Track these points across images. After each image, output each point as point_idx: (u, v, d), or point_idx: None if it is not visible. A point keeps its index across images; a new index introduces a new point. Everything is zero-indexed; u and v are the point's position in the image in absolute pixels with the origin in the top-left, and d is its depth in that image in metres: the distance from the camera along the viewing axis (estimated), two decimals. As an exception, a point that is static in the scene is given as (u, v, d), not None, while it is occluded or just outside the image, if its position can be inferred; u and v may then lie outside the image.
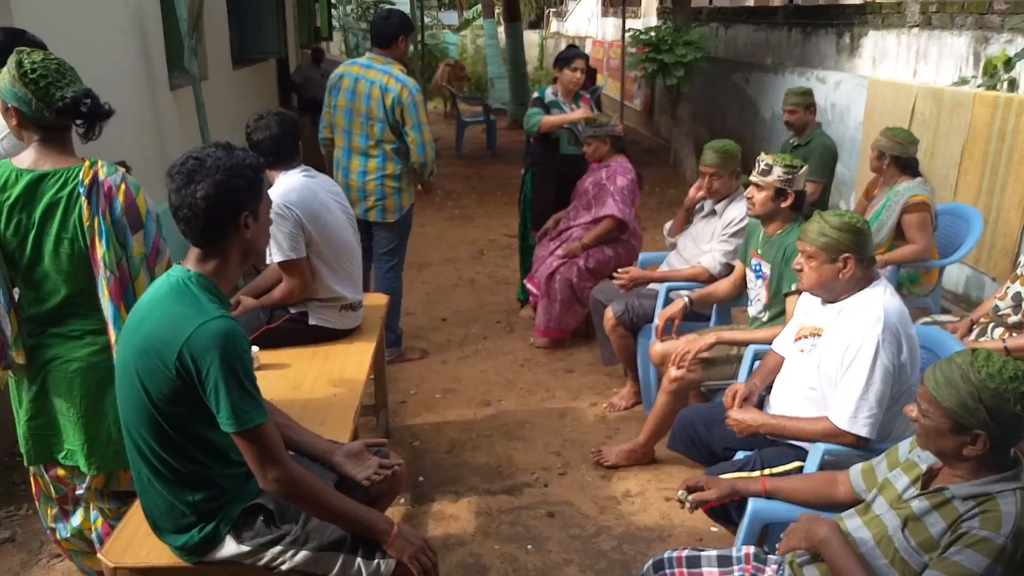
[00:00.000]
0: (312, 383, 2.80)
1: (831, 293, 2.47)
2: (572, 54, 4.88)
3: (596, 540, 3.03)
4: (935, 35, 5.76)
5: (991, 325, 3.19)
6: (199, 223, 1.79)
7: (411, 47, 15.54)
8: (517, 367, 4.54)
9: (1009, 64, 5.03)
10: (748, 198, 3.12)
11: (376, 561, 1.89)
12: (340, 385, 2.79)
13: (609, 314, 3.86)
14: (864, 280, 2.44)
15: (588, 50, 15.74)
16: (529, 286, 4.84)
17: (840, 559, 1.71)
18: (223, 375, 1.71)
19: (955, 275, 5.29)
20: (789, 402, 2.60)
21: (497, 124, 11.88)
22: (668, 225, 4.23)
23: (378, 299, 3.61)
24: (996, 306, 3.19)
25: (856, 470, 2.04)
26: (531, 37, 19.63)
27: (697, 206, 4.00)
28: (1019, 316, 3.07)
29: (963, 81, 5.42)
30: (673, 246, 4.13)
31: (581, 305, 4.64)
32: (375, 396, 3.67)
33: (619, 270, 3.92)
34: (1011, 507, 1.59)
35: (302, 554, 1.89)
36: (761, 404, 2.75)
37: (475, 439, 3.76)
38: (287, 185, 3.01)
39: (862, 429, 2.31)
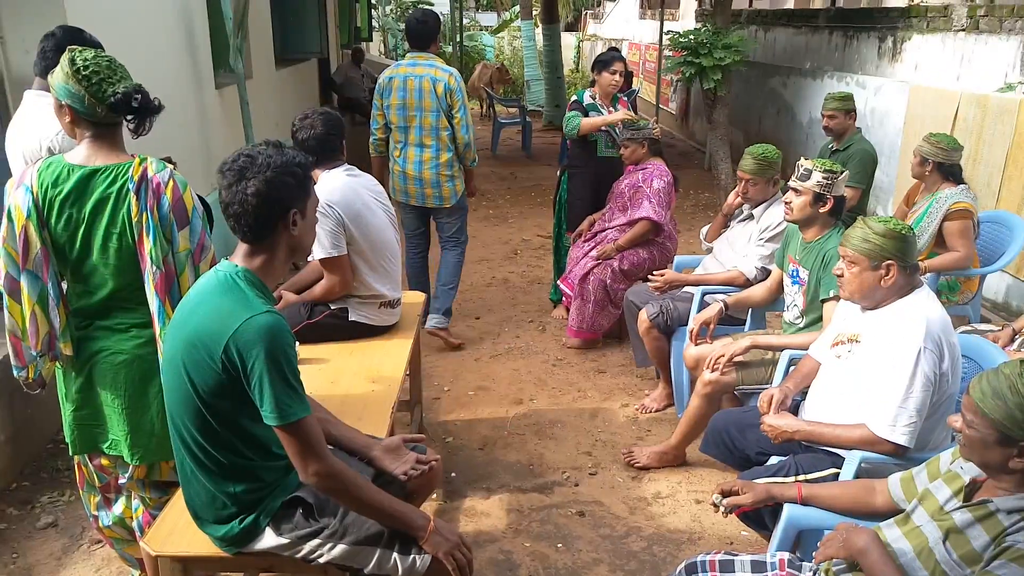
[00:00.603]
0: (350, 378, 2.84)
1: (872, 300, 2.45)
2: (611, 57, 4.89)
3: (626, 540, 3.03)
4: (981, 39, 5.66)
5: (1034, 335, 3.14)
6: (249, 219, 1.83)
7: (448, 48, 15.62)
8: (549, 367, 4.55)
9: (1057, 70, 4.93)
10: (786, 203, 3.10)
11: (412, 556, 1.92)
12: (378, 381, 2.83)
13: (643, 316, 3.86)
14: (906, 287, 2.42)
15: (625, 53, 15.69)
16: (563, 287, 4.85)
17: (879, 570, 1.70)
18: (268, 369, 1.74)
19: (995, 284, 5.20)
20: (825, 408, 2.58)
21: (532, 126, 11.90)
22: (704, 230, 4.21)
23: (415, 296, 3.65)
24: (1040, 316, 3.14)
25: (895, 479, 2.03)
26: (568, 39, 19.58)
27: (735, 217, 3.98)
28: (1064, 327, 3.01)
29: (1009, 87, 5.33)
30: (709, 251, 4.11)
31: (614, 307, 4.64)
32: (410, 392, 3.70)
33: (654, 272, 3.92)
34: (1056, 521, 1.57)
35: (339, 547, 1.92)
36: (795, 409, 2.73)
37: (507, 437, 3.79)
38: (331, 184, 3.05)
39: (901, 437, 2.29)
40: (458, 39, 14.52)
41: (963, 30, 5.87)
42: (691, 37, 7.78)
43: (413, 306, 3.49)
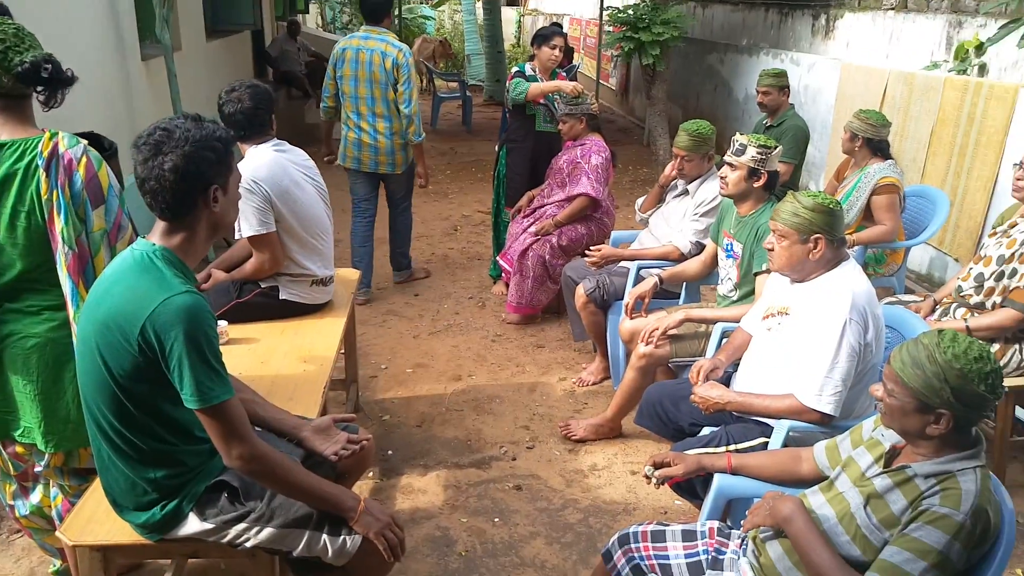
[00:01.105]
0: (281, 358, 2.78)
1: (801, 273, 2.50)
2: (551, 31, 4.85)
3: (562, 513, 3.06)
4: (910, 18, 5.79)
5: (954, 305, 3.24)
6: (166, 196, 1.76)
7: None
8: (488, 342, 4.54)
9: (981, 49, 5.07)
10: (721, 177, 3.12)
11: (342, 537, 1.89)
12: (310, 360, 2.77)
13: (580, 291, 3.87)
14: (834, 260, 2.46)
15: (566, 28, 15.64)
16: (502, 263, 4.83)
17: (803, 536, 1.74)
18: (187, 351, 1.68)
19: (919, 256, 5.36)
20: (755, 379, 2.62)
21: (473, 100, 11.79)
22: (640, 201, 4.23)
23: (349, 274, 3.58)
24: (959, 286, 3.24)
25: (820, 447, 2.07)
26: (508, 14, 19.42)
27: (670, 185, 4.01)
28: (981, 296, 3.12)
29: (934, 65, 5.46)
30: (644, 223, 4.14)
31: (553, 282, 4.65)
32: (345, 371, 3.65)
33: (591, 248, 3.93)
34: (971, 485, 1.62)
35: (267, 531, 1.88)
36: (728, 381, 2.78)
37: (445, 413, 3.77)
38: (257, 160, 2.96)
39: (827, 406, 2.34)
40: (397, 12, 14.25)
41: (892, 8, 5.99)
42: (630, 12, 7.79)
43: (346, 283, 3.43)
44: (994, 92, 4.58)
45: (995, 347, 3.02)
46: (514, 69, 4.95)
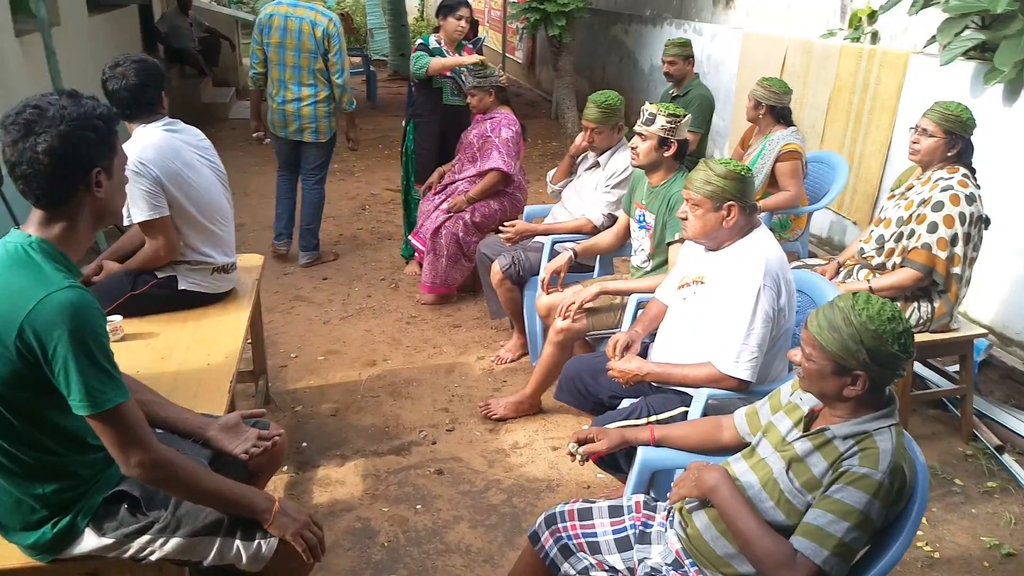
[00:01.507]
0: (183, 352, 2.61)
1: (715, 241, 2.50)
2: (456, 2, 4.72)
3: (486, 495, 3.01)
4: (804, -13, 5.91)
5: (857, 267, 3.34)
6: (42, 181, 1.59)
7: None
8: (403, 325, 4.44)
9: (873, 17, 5.22)
10: (632, 148, 3.11)
11: (256, 542, 1.78)
12: (214, 353, 2.62)
13: (496, 268, 3.81)
14: (746, 227, 2.47)
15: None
16: (414, 242, 4.72)
17: (729, 505, 1.74)
18: (73, 352, 1.53)
19: (820, 220, 5.53)
20: (672, 349, 2.63)
21: (377, 75, 11.51)
22: (552, 173, 4.18)
23: (252, 260, 3.41)
24: (861, 249, 3.33)
25: (740, 414, 2.08)
26: (410, -15, 19.01)
27: (580, 157, 3.98)
28: (882, 258, 3.21)
29: (830, 33, 5.60)
30: (556, 194, 4.10)
31: (467, 260, 4.57)
32: (253, 362, 3.49)
33: (505, 224, 3.86)
34: (887, 444, 1.65)
35: (173, 541, 1.75)
36: (645, 352, 2.77)
37: (360, 400, 3.66)
38: (144, 141, 2.75)
39: (744, 373, 2.37)
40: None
41: (788, -23, 6.10)
42: (533, -18, 7.70)
43: (250, 270, 3.26)
44: (886, 59, 4.72)
45: (896, 305, 3.12)
46: (417, 42, 4.82)
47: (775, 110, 4.14)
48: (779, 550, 1.63)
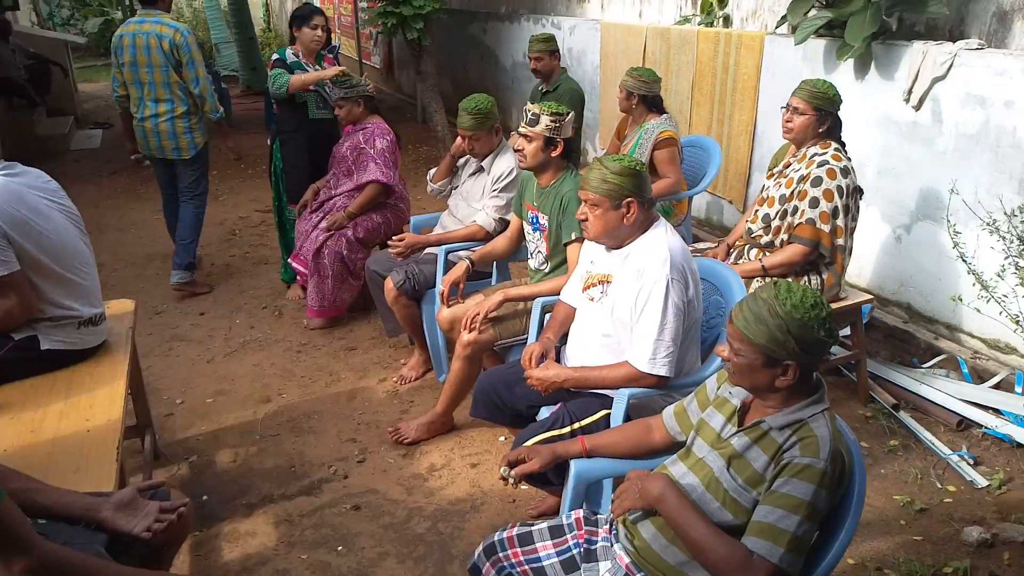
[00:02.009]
0: (57, 421, 2.33)
1: (616, 239, 2.46)
2: (309, 11, 4.51)
3: (409, 525, 2.88)
4: (655, -24, 6.05)
5: (747, 247, 3.41)
6: None
7: (118, 13, 13.81)
8: (294, 354, 4.21)
9: (723, 2, 5.39)
10: (518, 150, 3.03)
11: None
12: (93, 417, 2.35)
13: (389, 285, 3.66)
14: (646, 222, 2.45)
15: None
16: (295, 265, 4.48)
17: (678, 513, 1.69)
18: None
19: (697, 202, 5.67)
20: (586, 352, 2.58)
21: (229, 92, 10.97)
22: (432, 172, 4.05)
23: (123, 306, 3.11)
24: (749, 228, 3.40)
25: (669, 414, 2.05)
26: (252, -5, 18.31)
27: (463, 161, 3.88)
28: (770, 236, 3.29)
29: (685, 20, 5.76)
30: (436, 193, 3.98)
31: (355, 278, 4.39)
32: (136, 415, 3.20)
33: (394, 238, 3.71)
34: (824, 430, 1.65)
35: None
36: (558, 356, 2.72)
37: (260, 441, 3.43)
38: (-20, 189, 2.44)
39: (662, 369, 2.34)
40: (127, 2, 12.92)
41: (638, -33, 6.23)
42: (385, -15, 7.52)
43: (121, 317, 2.97)
44: (743, 41, 4.88)
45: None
46: (274, 56, 4.58)
47: (647, 99, 4.18)
48: (734, 554, 1.60)
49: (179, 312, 4.78)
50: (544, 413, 2.65)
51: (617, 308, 2.45)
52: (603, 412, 2.44)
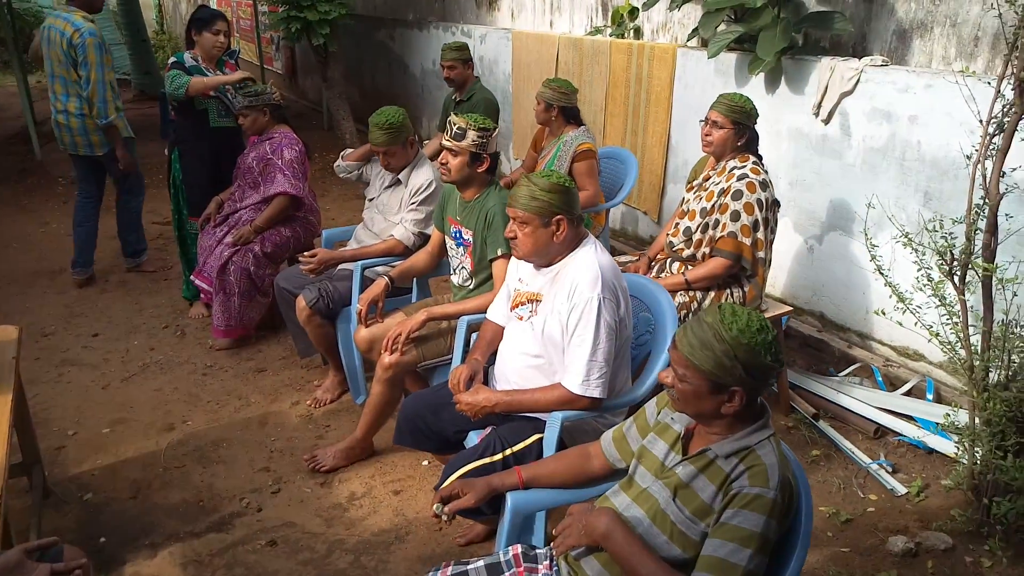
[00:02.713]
0: (-75, 469, 2.07)
1: (546, 257, 2.39)
2: (210, 15, 4.27)
3: (330, 560, 2.72)
4: (566, -14, 6.05)
5: (669, 260, 3.40)
6: None
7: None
8: (199, 377, 3.95)
9: (634, 14, 5.43)
10: (443, 163, 2.92)
11: None
12: (-31, 462, 2.10)
13: (302, 303, 3.48)
14: (576, 240, 2.38)
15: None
16: (198, 283, 4.23)
17: (625, 551, 1.61)
18: None
19: (612, 213, 5.67)
20: (516, 373, 2.49)
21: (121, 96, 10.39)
22: (348, 151, 3.88)
23: (4, 334, 2.82)
24: (670, 242, 3.39)
25: (608, 441, 1.98)
26: (144, -4, 17.47)
27: (377, 174, 3.73)
28: (691, 249, 3.29)
29: (596, 30, 5.77)
30: (344, 171, 3.82)
31: (263, 295, 4.17)
32: (22, 451, 2.93)
33: (305, 254, 3.52)
34: (771, 457, 1.61)
35: None
36: (486, 378, 2.62)
37: (164, 474, 3.19)
38: None
39: (596, 391, 2.27)
40: (7, 1, 12.04)
41: (549, -23, 6.22)
42: (289, -11, 7.28)
43: (3, 347, 2.69)
44: (655, 53, 4.91)
45: (711, 294, 3.22)
46: (171, 59, 4.32)
47: (566, 111, 4.14)
48: None
49: (69, 333, 4.44)
50: (473, 438, 2.55)
51: (547, 328, 2.37)
52: (536, 436, 2.35)
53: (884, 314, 2.73)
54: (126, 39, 11.81)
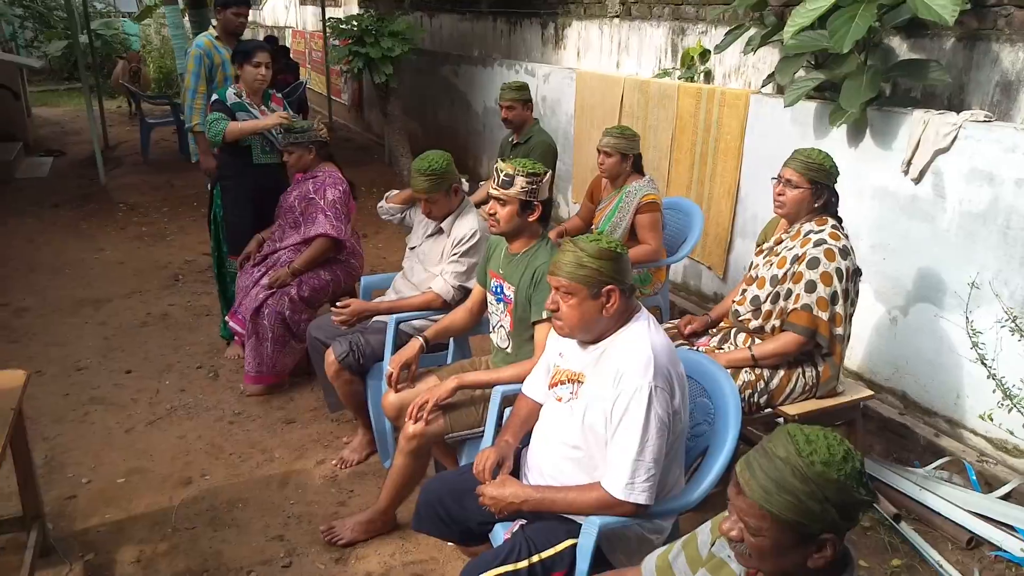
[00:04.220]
0: None
1: (593, 333, 2.08)
2: (252, 46, 4.13)
3: (338, 651, 2.43)
4: (635, 26, 5.79)
5: (733, 330, 3.05)
6: None
7: (83, 36, 13.40)
8: (225, 425, 3.75)
9: (704, 56, 5.13)
10: (491, 214, 2.65)
11: None
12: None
13: (331, 357, 3.24)
14: (627, 313, 2.08)
15: (288, 41, 14.66)
16: (232, 324, 4.04)
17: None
18: None
19: (674, 266, 5.33)
20: (550, 464, 2.18)
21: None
22: (393, 192, 3.67)
23: (9, 380, 2.63)
24: (736, 310, 3.05)
25: (650, 569, 1.65)
26: (223, 25, 17.88)
27: (420, 221, 3.50)
28: (759, 320, 2.94)
29: (664, 73, 5.48)
30: (386, 213, 3.63)
31: (298, 341, 3.96)
32: (22, 504, 2.74)
33: (338, 304, 3.29)
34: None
35: None
36: (517, 461, 2.31)
37: (172, 536, 2.96)
38: None
39: (641, 496, 1.95)
40: (91, 26, 12.45)
41: (617, 16, 5.97)
42: (354, 24, 7.21)
43: (5, 394, 2.50)
44: (727, 98, 4.60)
45: (780, 373, 2.86)
46: (212, 98, 4.17)
47: (632, 160, 3.85)
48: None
49: (104, 368, 4.31)
50: (499, 532, 2.24)
51: (589, 416, 2.06)
52: (569, 542, 2.03)
53: (991, 419, 2.33)
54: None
